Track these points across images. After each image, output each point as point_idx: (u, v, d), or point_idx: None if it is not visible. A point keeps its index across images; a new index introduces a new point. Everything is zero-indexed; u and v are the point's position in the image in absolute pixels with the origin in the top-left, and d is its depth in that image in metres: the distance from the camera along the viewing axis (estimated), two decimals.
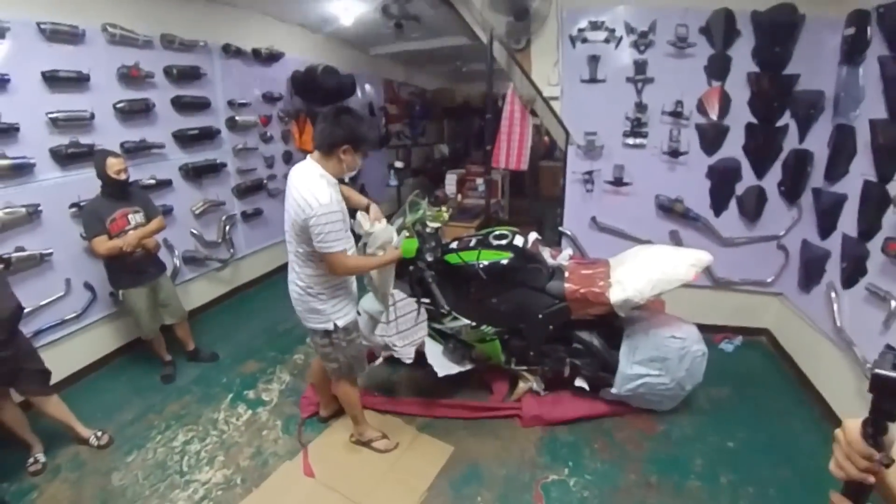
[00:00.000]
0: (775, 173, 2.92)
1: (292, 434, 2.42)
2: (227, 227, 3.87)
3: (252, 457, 2.29)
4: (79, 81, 2.63)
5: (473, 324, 2.33)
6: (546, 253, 2.57)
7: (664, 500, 2.00)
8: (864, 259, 2.28)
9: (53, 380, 2.30)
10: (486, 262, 2.27)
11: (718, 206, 3.06)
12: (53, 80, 2.50)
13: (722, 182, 2.99)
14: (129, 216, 2.58)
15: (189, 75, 3.31)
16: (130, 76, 2.88)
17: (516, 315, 2.35)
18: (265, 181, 4.25)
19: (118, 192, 2.54)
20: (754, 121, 2.85)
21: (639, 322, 2.38)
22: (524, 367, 2.51)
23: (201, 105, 3.46)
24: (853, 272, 2.35)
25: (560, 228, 3.41)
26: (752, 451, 2.27)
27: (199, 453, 2.30)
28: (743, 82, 2.80)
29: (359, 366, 2.16)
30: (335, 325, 1.98)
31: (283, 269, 4.79)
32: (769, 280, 3.11)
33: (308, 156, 1.87)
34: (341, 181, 1.95)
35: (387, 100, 6.86)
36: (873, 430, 0.57)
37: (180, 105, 3.28)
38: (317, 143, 1.82)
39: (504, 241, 2.37)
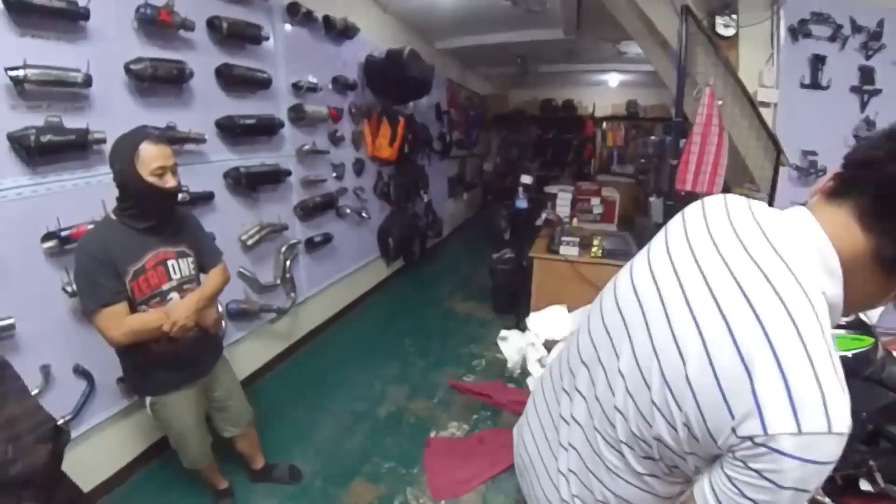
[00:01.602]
0: None
1: None
2: (288, 262, 2.69)
3: None
4: (69, 19, 1.50)
5: None
6: None
7: None
8: None
9: None
10: (844, 354, 1.57)
11: None
12: (22, 9, 1.38)
13: None
14: (171, 263, 1.39)
15: (244, 36, 2.19)
16: (158, 21, 1.75)
17: None
18: (336, 197, 3.09)
19: (156, 215, 1.36)
20: None
21: None
22: None
23: (259, 83, 2.32)
24: None
25: None
26: None
27: None
28: None
29: None
30: None
31: (351, 308, 3.38)
32: None
33: (809, 223, 0.55)
34: None
35: (449, 103, 5.81)
36: None
37: (230, 79, 2.14)
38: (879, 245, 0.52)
39: (846, 319, 1.63)
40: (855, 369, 1.55)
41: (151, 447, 2.01)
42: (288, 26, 2.57)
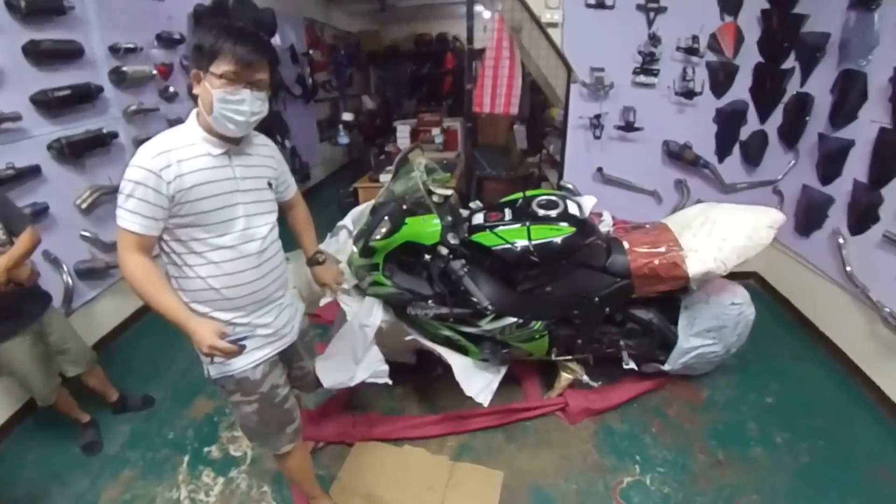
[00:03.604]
0: (776, 117, 2.86)
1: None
2: None
3: None
4: None
5: (520, 321, 1.91)
6: None
7: (739, 475, 1.88)
8: (877, 206, 2.28)
9: None
10: (539, 242, 1.81)
11: (722, 152, 2.98)
12: None
13: (728, 126, 2.89)
14: None
15: (46, 9, 2.23)
16: None
17: (570, 302, 1.97)
18: None
19: None
20: (762, 61, 2.75)
21: (696, 291, 2.08)
22: (569, 357, 2.15)
23: (70, 53, 2.40)
24: (863, 219, 2.36)
25: (562, 182, 3.09)
26: (788, 404, 2.25)
27: None
28: (755, 19, 2.66)
29: (268, 442, 1.45)
30: (208, 372, 1.30)
31: None
32: None
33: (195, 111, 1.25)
34: (233, 145, 1.23)
35: (309, 44, 5.82)
36: None
37: (38, 55, 2.22)
38: None
39: (555, 211, 1.91)
40: (564, 252, 1.84)
41: (30, 403, 2.22)
42: None
